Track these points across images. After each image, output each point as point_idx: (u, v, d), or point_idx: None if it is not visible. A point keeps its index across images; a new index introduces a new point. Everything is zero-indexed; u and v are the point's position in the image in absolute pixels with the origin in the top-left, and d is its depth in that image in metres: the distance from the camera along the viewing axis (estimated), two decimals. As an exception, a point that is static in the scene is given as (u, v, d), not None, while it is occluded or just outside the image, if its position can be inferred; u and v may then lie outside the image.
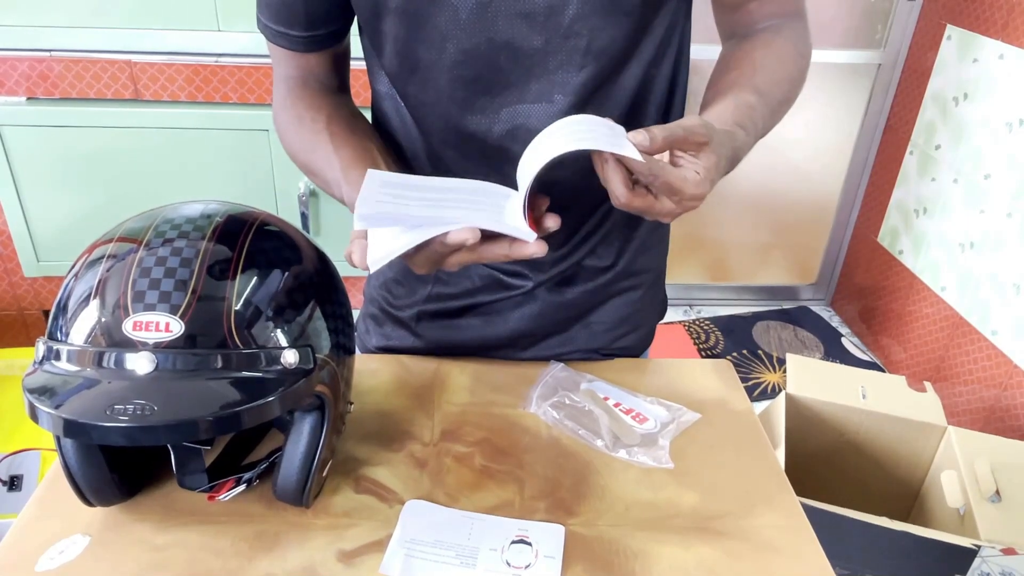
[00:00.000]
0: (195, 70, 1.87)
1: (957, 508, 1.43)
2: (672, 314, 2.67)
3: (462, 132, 0.77)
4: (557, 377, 0.91)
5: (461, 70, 0.73)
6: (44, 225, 2.00)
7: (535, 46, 0.72)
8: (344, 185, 0.72)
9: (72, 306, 0.60)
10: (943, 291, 2.17)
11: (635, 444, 0.81)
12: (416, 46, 0.73)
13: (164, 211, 0.65)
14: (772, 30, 0.78)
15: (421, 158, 0.83)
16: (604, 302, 0.92)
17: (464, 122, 0.77)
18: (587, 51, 0.72)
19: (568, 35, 0.71)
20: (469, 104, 0.75)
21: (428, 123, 0.79)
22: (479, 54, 0.72)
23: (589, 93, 0.75)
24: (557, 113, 0.75)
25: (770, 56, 0.76)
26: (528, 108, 0.75)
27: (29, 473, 1.43)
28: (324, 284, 0.69)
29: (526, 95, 0.74)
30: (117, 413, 0.55)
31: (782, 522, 0.73)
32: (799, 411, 1.60)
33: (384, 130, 0.85)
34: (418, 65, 0.74)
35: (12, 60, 1.82)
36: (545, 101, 0.75)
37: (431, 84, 0.75)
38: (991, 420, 1.98)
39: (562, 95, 0.74)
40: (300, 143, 0.80)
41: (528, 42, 0.71)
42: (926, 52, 2.24)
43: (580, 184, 0.82)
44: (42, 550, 0.65)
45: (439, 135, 0.79)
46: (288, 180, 1.99)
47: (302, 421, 0.67)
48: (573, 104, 0.75)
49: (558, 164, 0.81)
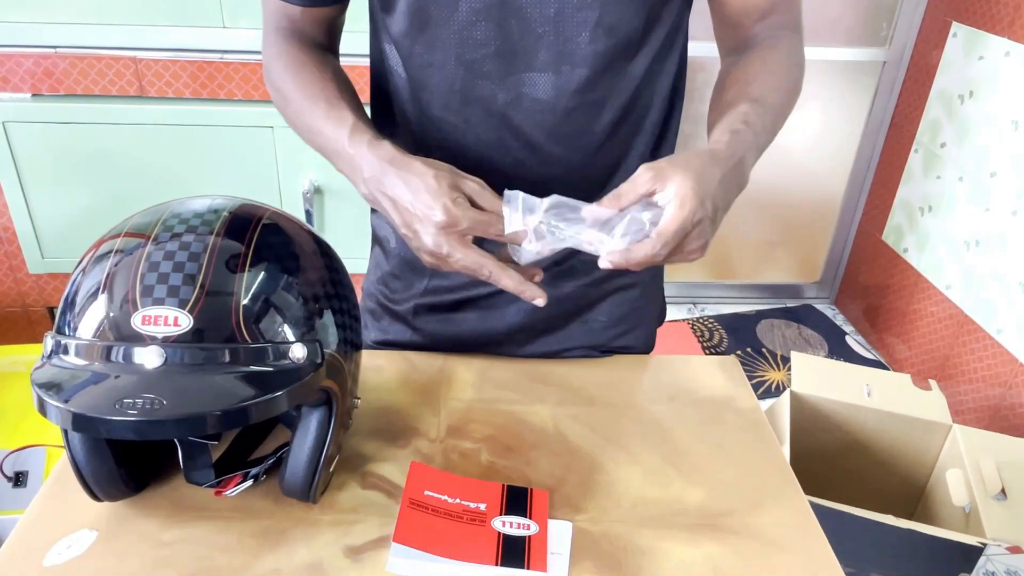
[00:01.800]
0: (200, 67, 1.87)
1: (962, 506, 1.42)
2: (676, 312, 2.67)
3: (466, 96, 0.77)
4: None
5: (471, 31, 0.73)
6: (48, 221, 2.00)
7: (547, 14, 0.72)
8: (348, 147, 0.72)
9: (80, 301, 0.60)
10: (948, 289, 2.16)
11: None
12: (428, 3, 0.73)
13: (172, 206, 0.65)
14: (768, 44, 0.79)
15: (413, 123, 0.82)
16: (601, 299, 0.93)
17: (468, 86, 0.77)
18: (598, 24, 0.73)
19: (581, 6, 0.71)
20: (476, 68, 0.75)
21: (431, 86, 0.78)
22: (490, 16, 0.72)
23: (598, 71, 0.75)
24: (563, 84, 0.75)
25: (765, 69, 0.77)
26: (535, 76, 0.75)
27: (34, 469, 1.43)
28: (332, 279, 0.68)
29: (534, 63, 0.75)
30: (126, 407, 0.55)
31: (790, 520, 0.73)
32: (804, 409, 1.60)
33: (380, 93, 0.85)
34: (428, 23, 0.74)
35: (17, 56, 1.82)
36: (552, 71, 0.75)
37: (439, 44, 0.75)
38: (996, 418, 1.98)
39: (569, 66, 0.75)
40: (300, 87, 0.79)
41: (540, 8, 0.72)
42: (931, 49, 2.24)
43: (574, 177, 0.82)
44: (49, 545, 0.65)
45: (440, 99, 0.79)
46: (293, 177, 1.99)
47: (309, 416, 0.67)
48: (581, 78, 0.75)
49: (552, 158, 0.81)
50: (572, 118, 0.78)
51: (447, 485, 0.73)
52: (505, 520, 0.70)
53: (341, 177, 0.76)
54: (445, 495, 0.71)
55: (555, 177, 0.81)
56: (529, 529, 0.69)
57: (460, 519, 0.69)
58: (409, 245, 0.71)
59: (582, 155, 0.81)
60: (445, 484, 0.73)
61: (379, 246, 0.95)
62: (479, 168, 0.81)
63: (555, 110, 0.77)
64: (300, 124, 0.78)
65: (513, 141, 0.79)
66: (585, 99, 0.77)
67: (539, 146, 0.79)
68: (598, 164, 0.83)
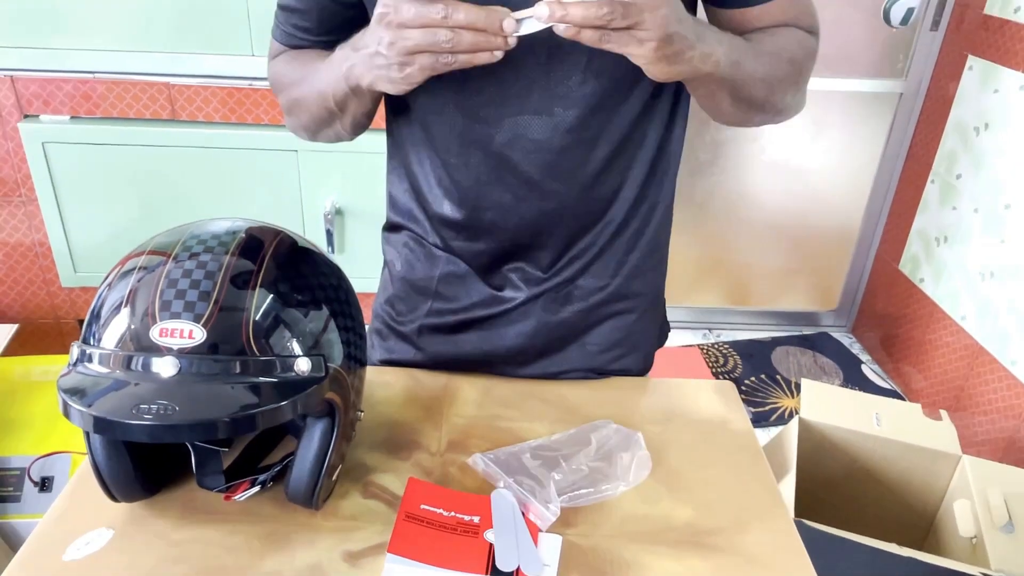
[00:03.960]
0: (229, 92, 1.95)
1: (969, 537, 1.42)
2: (691, 337, 2.68)
3: (465, 139, 0.82)
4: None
5: (467, 79, 0.76)
6: (82, 237, 2.08)
7: (539, 60, 0.76)
8: (338, 50, 0.76)
9: (105, 313, 0.65)
10: (963, 320, 2.16)
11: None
12: None
13: (192, 227, 0.70)
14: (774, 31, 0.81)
15: (422, 162, 0.88)
16: (599, 323, 0.95)
17: (467, 130, 0.81)
18: (587, 67, 0.77)
19: (570, 50, 0.75)
20: (473, 113, 0.80)
21: (434, 130, 0.84)
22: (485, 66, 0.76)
23: (589, 111, 0.79)
24: (557, 124, 0.79)
25: (767, 35, 0.79)
26: (529, 119, 0.80)
27: (60, 475, 1.48)
28: (339, 298, 0.73)
29: (527, 106, 0.79)
30: (142, 412, 0.59)
31: (774, 540, 0.75)
32: (812, 436, 1.60)
33: (393, 135, 0.91)
34: None
35: (58, 80, 1.91)
36: (545, 113, 0.79)
37: (439, 92, 0.80)
38: (1011, 451, 1.96)
39: (562, 108, 0.79)
40: (297, 67, 0.84)
41: (532, 55, 0.76)
42: (948, 82, 2.25)
43: (573, 209, 0.86)
44: (69, 541, 0.70)
45: (443, 141, 0.84)
46: (315, 198, 2.06)
47: (314, 426, 0.71)
48: (573, 118, 0.79)
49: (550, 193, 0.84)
50: (567, 155, 0.82)
51: (443, 499, 0.76)
52: None
53: (361, 199, 0.81)
54: (440, 508, 0.75)
55: (554, 210, 0.85)
56: None
57: (454, 531, 0.73)
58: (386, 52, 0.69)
59: (579, 189, 0.85)
60: (441, 498, 0.76)
61: (387, 268, 1.00)
62: (480, 204, 0.85)
63: (550, 149, 0.81)
64: (301, 91, 0.83)
65: (512, 178, 0.83)
66: (579, 137, 0.81)
67: (536, 182, 0.83)
68: (595, 196, 0.86)
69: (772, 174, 2.51)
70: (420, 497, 0.75)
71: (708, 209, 2.57)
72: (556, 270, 0.91)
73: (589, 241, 0.90)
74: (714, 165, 2.50)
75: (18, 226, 2.08)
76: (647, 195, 0.89)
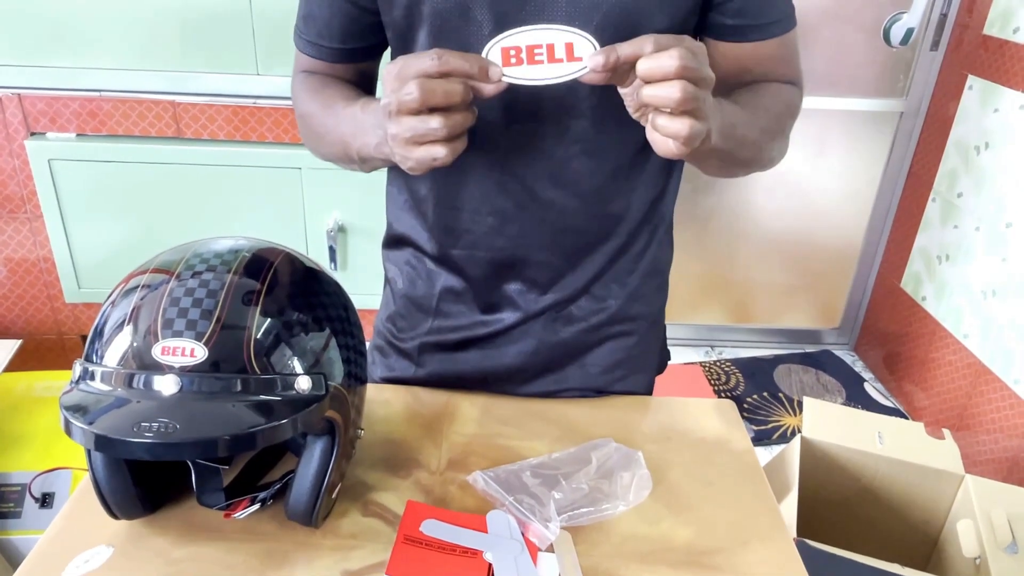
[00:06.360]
0: (234, 111, 1.96)
1: (973, 558, 1.41)
2: (693, 355, 2.68)
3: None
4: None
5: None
6: (87, 253, 2.10)
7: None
8: (360, 112, 0.77)
9: (108, 331, 0.66)
10: (965, 338, 2.16)
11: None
12: None
13: (195, 246, 0.71)
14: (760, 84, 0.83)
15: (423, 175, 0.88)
16: (598, 344, 0.95)
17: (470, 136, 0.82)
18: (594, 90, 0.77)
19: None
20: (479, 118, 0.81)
21: None
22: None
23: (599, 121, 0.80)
24: (571, 132, 0.81)
25: (756, 91, 0.81)
26: (534, 127, 0.80)
27: (60, 491, 1.49)
28: (340, 317, 0.73)
29: (537, 114, 0.80)
30: (143, 430, 0.60)
31: (774, 560, 0.75)
32: (814, 455, 1.60)
33: None
34: None
35: (64, 99, 1.93)
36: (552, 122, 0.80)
37: None
38: (1015, 470, 1.95)
39: (574, 119, 0.80)
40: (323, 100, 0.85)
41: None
42: (948, 101, 2.27)
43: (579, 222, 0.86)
44: (69, 558, 0.70)
45: None
46: (318, 215, 2.07)
47: (314, 445, 0.71)
48: (586, 126, 0.80)
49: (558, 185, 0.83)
50: (572, 165, 0.83)
51: (442, 519, 0.76)
52: None
53: (364, 216, 0.81)
54: (439, 532, 0.75)
55: (555, 222, 0.86)
56: None
57: (452, 552, 0.72)
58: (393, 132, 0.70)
59: (580, 202, 0.85)
60: (440, 519, 0.76)
61: (388, 286, 1.00)
62: (480, 209, 0.86)
63: (553, 158, 0.82)
64: (323, 130, 0.84)
65: (513, 184, 0.84)
66: (584, 148, 0.82)
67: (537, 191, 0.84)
68: (598, 212, 0.87)
69: (774, 192, 2.52)
70: (419, 520, 0.75)
71: (710, 227, 2.58)
72: (556, 289, 0.91)
73: (589, 261, 0.90)
74: (716, 183, 2.51)
75: (23, 242, 2.10)
76: (651, 217, 0.90)
